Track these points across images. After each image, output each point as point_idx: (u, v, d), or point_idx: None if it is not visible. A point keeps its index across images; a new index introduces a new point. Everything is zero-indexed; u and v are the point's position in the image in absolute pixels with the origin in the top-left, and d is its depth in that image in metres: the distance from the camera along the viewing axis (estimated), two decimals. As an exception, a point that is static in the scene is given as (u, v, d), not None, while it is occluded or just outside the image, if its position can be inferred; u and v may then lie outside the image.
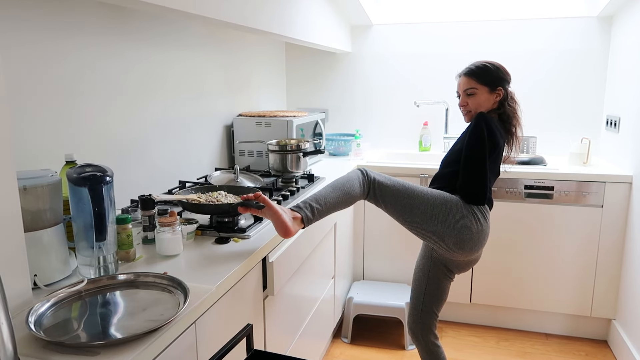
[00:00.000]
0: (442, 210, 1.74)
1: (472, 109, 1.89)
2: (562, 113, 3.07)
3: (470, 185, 1.78)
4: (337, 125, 3.50)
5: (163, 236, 1.39)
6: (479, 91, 1.86)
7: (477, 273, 2.79)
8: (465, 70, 1.91)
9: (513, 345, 2.68)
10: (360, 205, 2.92)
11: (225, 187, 1.75)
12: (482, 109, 1.87)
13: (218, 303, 1.27)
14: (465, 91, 1.89)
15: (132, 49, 1.87)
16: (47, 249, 1.20)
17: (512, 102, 1.92)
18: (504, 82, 1.90)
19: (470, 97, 1.88)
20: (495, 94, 1.88)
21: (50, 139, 1.53)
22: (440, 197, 1.76)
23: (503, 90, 1.89)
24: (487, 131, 1.77)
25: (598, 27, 2.94)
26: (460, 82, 1.92)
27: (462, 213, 1.75)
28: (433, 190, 1.79)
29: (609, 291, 2.63)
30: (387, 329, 2.84)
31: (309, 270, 2.05)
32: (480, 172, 1.78)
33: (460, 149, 1.83)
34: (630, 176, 2.50)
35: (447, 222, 1.73)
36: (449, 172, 1.86)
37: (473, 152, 1.78)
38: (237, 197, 1.64)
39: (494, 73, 1.88)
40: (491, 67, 1.89)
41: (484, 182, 1.77)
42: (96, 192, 1.19)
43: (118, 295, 1.15)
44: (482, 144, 1.76)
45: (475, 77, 1.87)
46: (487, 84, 1.87)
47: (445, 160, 1.91)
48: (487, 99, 1.88)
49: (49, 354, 0.90)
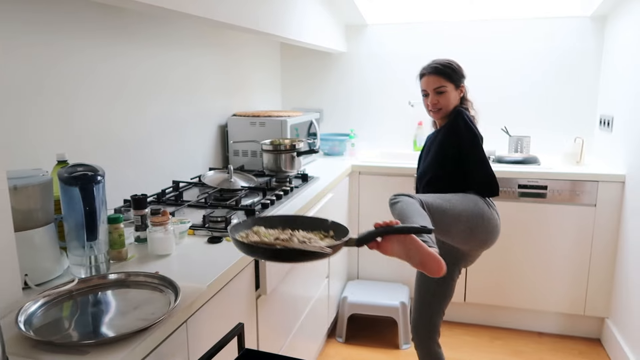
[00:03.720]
0: (477, 212, 1.79)
1: (442, 107, 1.94)
2: (556, 112, 3.09)
3: (487, 178, 1.87)
4: (332, 125, 3.50)
5: (155, 235, 1.39)
6: (448, 89, 1.92)
7: (471, 272, 2.79)
8: (431, 69, 1.95)
9: (507, 344, 2.69)
10: (355, 205, 2.92)
11: (296, 219, 1.30)
12: (451, 107, 1.95)
13: (210, 302, 1.27)
14: (435, 89, 1.93)
15: (127, 50, 1.87)
16: (38, 248, 1.20)
17: (468, 97, 2.02)
18: (464, 79, 1.98)
19: (441, 95, 1.93)
20: (459, 90, 1.96)
21: (43, 139, 1.52)
22: (472, 201, 1.80)
23: (464, 86, 1.98)
24: (473, 125, 1.88)
25: (591, 27, 2.96)
26: (428, 80, 1.95)
27: (489, 209, 1.83)
28: (458, 196, 1.81)
29: (602, 290, 2.64)
30: (382, 328, 2.85)
31: (302, 269, 2.05)
32: (489, 165, 1.89)
33: (450, 147, 1.88)
34: (623, 175, 2.51)
35: (484, 222, 1.79)
36: (444, 172, 1.89)
37: (476, 148, 1.88)
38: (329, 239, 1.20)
39: (458, 71, 1.96)
40: (455, 65, 1.96)
41: (493, 173, 1.88)
42: (87, 191, 1.19)
43: (109, 294, 1.15)
44: (478, 139, 1.87)
45: (445, 76, 1.93)
46: (454, 82, 1.94)
47: (434, 162, 1.93)
48: (455, 96, 1.95)
49: (38, 353, 0.90)
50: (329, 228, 1.22)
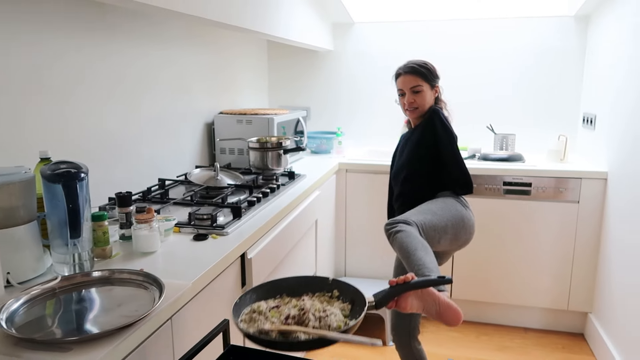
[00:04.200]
0: (459, 218, 1.82)
1: (419, 106, 1.97)
2: (540, 111, 3.12)
3: (462, 177, 1.91)
4: (319, 123, 3.50)
5: (140, 233, 1.39)
6: (424, 88, 1.96)
7: (457, 268, 2.82)
8: (408, 69, 1.98)
9: (492, 340, 2.72)
10: (341, 202, 2.93)
11: (292, 281, 1.16)
12: (427, 106, 1.98)
13: (195, 299, 1.27)
14: (412, 89, 1.96)
15: (117, 49, 1.85)
16: (20, 246, 1.19)
17: (442, 98, 2.05)
18: (438, 79, 2.02)
19: (417, 94, 1.97)
20: (434, 91, 2.00)
21: (26, 137, 1.51)
22: (452, 207, 1.83)
23: (438, 87, 2.02)
24: (448, 124, 1.92)
25: (575, 26, 2.99)
26: (405, 80, 1.98)
27: (466, 210, 1.86)
28: (439, 204, 1.83)
29: (586, 285, 2.68)
30: (369, 325, 2.86)
31: (289, 266, 2.05)
32: (463, 164, 1.93)
33: (426, 146, 1.92)
34: (605, 172, 2.55)
35: (465, 225, 1.83)
36: (420, 171, 1.95)
37: (451, 147, 1.92)
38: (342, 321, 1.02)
39: (433, 71, 2.00)
40: (430, 66, 2.00)
41: (468, 172, 1.93)
42: (70, 188, 1.18)
43: (93, 292, 1.14)
44: (454, 138, 1.92)
45: (421, 76, 1.96)
46: (429, 82, 1.97)
47: (409, 161, 1.97)
48: (430, 96, 1.98)
49: (20, 351, 0.89)
50: (333, 287, 1.11)
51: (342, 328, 0.95)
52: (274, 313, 1.01)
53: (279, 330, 0.93)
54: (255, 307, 1.03)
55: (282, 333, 0.93)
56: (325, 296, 1.10)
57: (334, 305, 1.04)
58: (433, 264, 1.46)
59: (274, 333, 0.93)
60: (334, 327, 0.94)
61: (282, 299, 1.08)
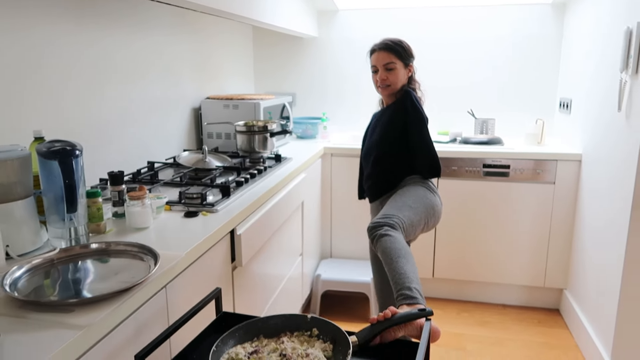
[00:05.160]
0: (430, 206, 1.86)
1: (391, 83, 1.99)
2: (519, 96, 3.22)
3: (430, 160, 1.94)
4: (306, 109, 3.56)
5: (133, 209, 1.44)
6: (397, 66, 1.97)
7: (439, 249, 2.92)
8: (382, 46, 1.99)
9: (473, 316, 2.83)
10: (327, 185, 3.01)
11: (268, 321, 1.09)
12: (400, 84, 1.99)
13: (188, 270, 1.33)
14: (385, 65, 1.97)
15: (106, 33, 1.89)
16: (19, 220, 1.23)
17: (416, 78, 2.06)
18: (412, 59, 2.03)
19: (390, 72, 1.98)
20: (408, 70, 2.01)
21: (19, 118, 1.54)
22: (423, 195, 1.87)
23: (412, 66, 2.02)
24: (419, 106, 1.94)
25: (552, 13, 3.09)
26: (379, 56, 1.99)
27: (434, 196, 1.91)
28: (412, 194, 1.86)
29: (561, 263, 2.80)
30: (354, 304, 2.95)
31: (277, 246, 2.12)
32: (432, 146, 1.96)
33: (396, 127, 1.95)
34: (579, 154, 2.65)
35: (435, 212, 1.89)
36: (390, 152, 1.98)
37: (421, 129, 1.94)
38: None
39: (407, 50, 2.00)
40: (404, 43, 2.01)
41: (437, 155, 1.96)
42: (66, 164, 1.23)
43: (90, 262, 1.20)
44: (424, 119, 1.94)
45: (394, 53, 1.97)
46: (403, 60, 1.98)
47: (380, 141, 1.99)
48: (403, 74, 2.00)
49: (25, 313, 0.95)
50: (311, 325, 1.07)
51: None
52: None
53: None
54: (233, 355, 0.97)
55: None
56: (304, 336, 1.05)
57: (315, 346, 1.01)
58: (414, 274, 1.49)
59: None
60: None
61: (260, 342, 1.03)
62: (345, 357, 0.95)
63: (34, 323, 0.92)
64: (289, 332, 1.06)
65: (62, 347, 0.84)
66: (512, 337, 2.62)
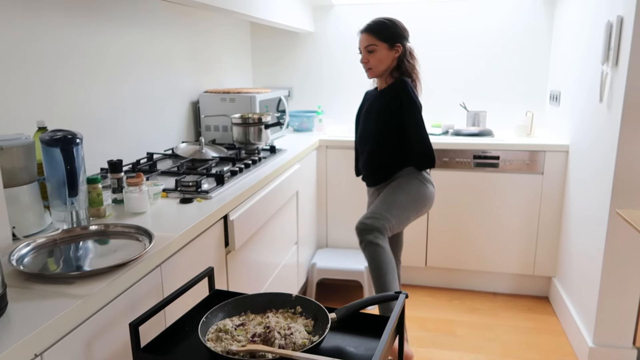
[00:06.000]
0: (420, 201, 1.95)
1: (372, 66, 1.97)
2: (511, 89, 3.29)
3: (424, 150, 1.98)
4: (302, 103, 3.64)
5: (131, 195, 1.53)
6: (378, 48, 1.95)
7: (431, 238, 3.00)
8: (365, 27, 1.97)
9: (463, 303, 2.92)
10: (322, 177, 3.09)
11: (256, 298, 1.17)
12: (383, 66, 1.97)
13: (182, 251, 1.42)
14: (366, 48, 1.96)
15: (106, 28, 1.97)
16: (23, 204, 1.32)
17: (410, 59, 2.01)
18: (402, 38, 1.97)
19: (371, 54, 1.95)
20: (394, 50, 1.96)
21: (23, 110, 1.63)
22: (414, 192, 1.95)
23: (402, 46, 1.97)
24: (414, 97, 1.95)
25: (543, 7, 3.15)
26: (361, 39, 1.99)
27: (425, 187, 1.99)
28: (404, 191, 1.94)
29: (550, 252, 2.88)
30: (349, 292, 3.04)
31: (270, 234, 2.21)
32: (427, 137, 2.00)
33: (390, 116, 1.98)
34: (567, 145, 2.73)
35: (426, 204, 1.98)
36: (385, 146, 2.03)
37: (417, 122, 1.98)
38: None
39: (391, 29, 1.95)
40: (388, 23, 1.95)
41: (431, 145, 2.00)
42: (68, 151, 1.32)
43: (90, 242, 1.29)
44: (419, 112, 1.97)
45: (374, 34, 1.94)
46: (386, 40, 1.94)
47: (374, 130, 2.04)
48: (387, 55, 1.95)
49: (31, 284, 1.04)
50: (296, 304, 1.14)
51: (307, 345, 0.99)
52: (241, 331, 1.04)
53: (246, 351, 0.96)
54: (222, 325, 1.05)
55: (250, 353, 0.96)
56: (288, 312, 1.13)
57: (298, 322, 1.08)
58: (396, 287, 1.71)
59: (241, 353, 0.96)
60: (299, 344, 0.99)
61: (247, 316, 1.11)
62: (324, 327, 1.03)
63: (38, 293, 1.01)
64: (274, 309, 1.14)
65: (62, 314, 0.93)
66: (501, 322, 2.70)
